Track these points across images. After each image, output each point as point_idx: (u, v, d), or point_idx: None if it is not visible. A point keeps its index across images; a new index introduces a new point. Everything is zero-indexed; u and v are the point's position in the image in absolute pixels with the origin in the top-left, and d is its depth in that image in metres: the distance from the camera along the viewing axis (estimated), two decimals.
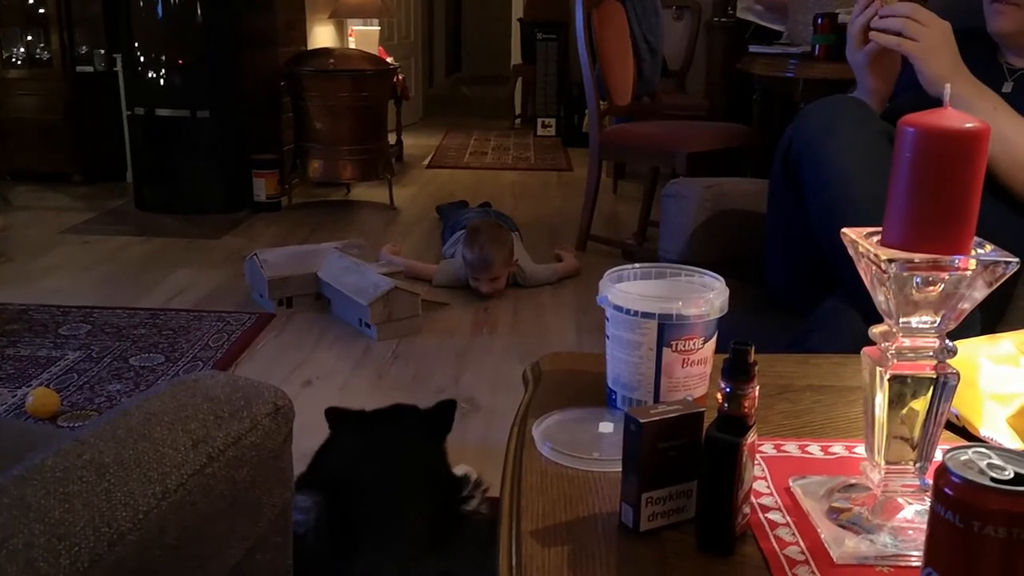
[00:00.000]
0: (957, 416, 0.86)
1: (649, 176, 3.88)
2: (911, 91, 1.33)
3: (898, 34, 1.34)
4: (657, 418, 0.69)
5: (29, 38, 4.77)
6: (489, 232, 3.14)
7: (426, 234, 4.03)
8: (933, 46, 1.32)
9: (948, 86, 0.63)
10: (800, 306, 1.43)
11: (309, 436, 1.47)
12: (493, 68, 9.97)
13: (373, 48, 5.36)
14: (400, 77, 5.24)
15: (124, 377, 2.36)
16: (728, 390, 0.68)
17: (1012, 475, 0.50)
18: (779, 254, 1.56)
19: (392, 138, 5.34)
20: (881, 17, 1.35)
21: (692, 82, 5.34)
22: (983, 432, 0.84)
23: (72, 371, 2.38)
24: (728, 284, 0.94)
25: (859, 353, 0.74)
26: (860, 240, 0.68)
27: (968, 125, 0.61)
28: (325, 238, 3.62)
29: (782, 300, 1.56)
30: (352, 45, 5.56)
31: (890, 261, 0.63)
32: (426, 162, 5.87)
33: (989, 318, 1.24)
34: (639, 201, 3.99)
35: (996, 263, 0.63)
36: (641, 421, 0.69)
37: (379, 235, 3.98)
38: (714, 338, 0.90)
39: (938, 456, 0.72)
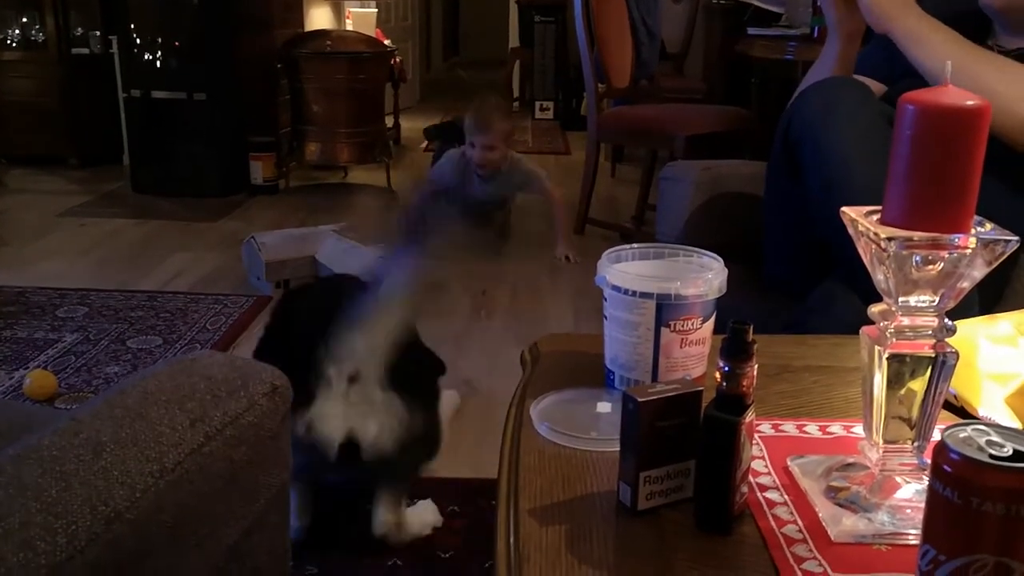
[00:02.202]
0: (955, 396, 0.86)
1: (647, 159, 3.87)
2: (909, 78, 1.32)
3: None
4: (655, 397, 0.69)
5: (24, 20, 4.73)
6: (495, 101, 3.20)
7: None
8: None
9: (949, 64, 0.63)
10: (798, 288, 1.42)
11: None
12: (491, 51, 9.92)
13: (370, 30, 5.33)
14: (397, 60, 5.21)
15: (122, 359, 2.35)
16: (727, 369, 0.68)
17: (1011, 452, 0.50)
18: (777, 236, 1.55)
19: (389, 121, 5.31)
20: None
21: (690, 65, 5.32)
22: (981, 412, 0.84)
23: (70, 353, 2.38)
24: (725, 266, 0.94)
25: (857, 334, 0.74)
26: (860, 219, 0.67)
27: (969, 103, 0.61)
28: (322, 221, 3.60)
29: (780, 282, 1.56)
30: (349, 27, 5.52)
31: (890, 239, 0.63)
32: (423, 145, 5.85)
33: (987, 298, 1.24)
34: (637, 184, 3.98)
35: (996, 241, 0.63)
36: (639, 400, 0.69)
37: (376, 218, 3.97)
38: (712, 318, 0.90)
39: (936, 435, 0.72)
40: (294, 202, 4.23)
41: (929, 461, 0.53)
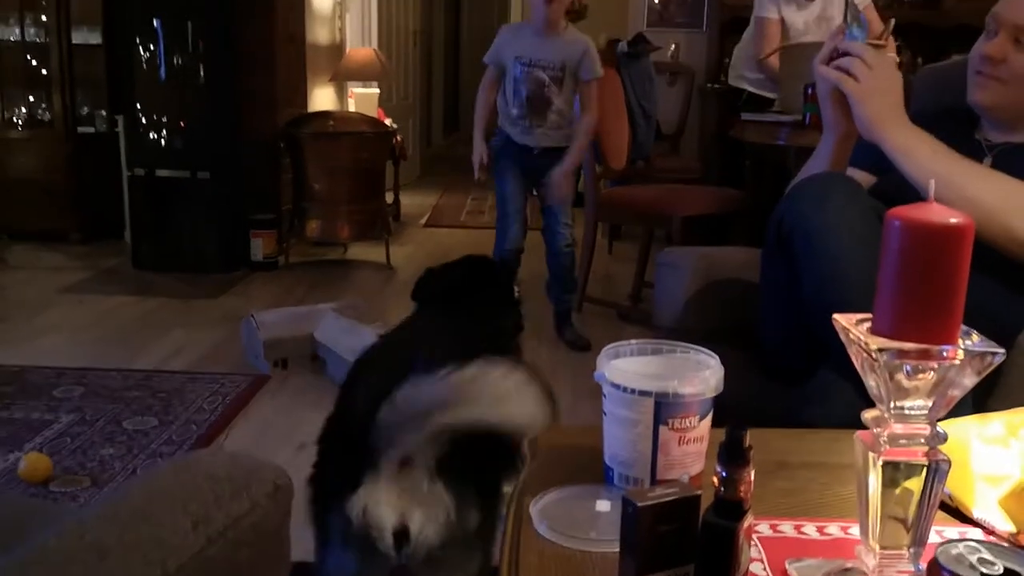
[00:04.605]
0: (950, 496, 0.87)
1: (644, 238, 3.92)
2: (896, 171, 1.36)
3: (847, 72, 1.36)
4: (654, 501, 0.70)
5: (31, 99, 4.82)
6: None
7: None
8: (873, 89, 1.34)
9: (932, 183, 0.66)
10: (794, 374, 1.44)
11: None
12: (490, 128, 10.07)
13: (372, 110, 5.43)
14: (398, 138, 5.31)
15: (117, 441, 2.35)
16: (724, 475, 0.69)
17: (1002, 570, 0.51)
18: (772, 324, 1.57)
19: (389, 197, 5.39)
20: (838, 51, 1.38)
21: (686, 145, 5.42)
22: (976, 513, 0.85)
23: (65, 435, 2.37)
24: (722, 351, 0.96)
25: (854, 425, 0.75)
26: (851, 327, 0.69)
27: (953, 220, 0.64)
28: (322, 297, 3.63)
29: (776, 366, 1.58)
30: (352, 107, 5.63)
31: (881, 350, 0.65)
32: (423, 221, 5.91)
33: (978, 392, 1.26)
34: (634, 262, 4.02)
35: (984, 353, 0.65)
36: (638, 504, 0.69)
37: (376, 294, 3.99)
38: (710, 415, 0.91)
39: (933, 537, 0.73)
40: (294, 278, 4.26)
41: (924, 567, 0.54)
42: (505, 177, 3.29)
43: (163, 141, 4.20)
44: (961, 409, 0.98)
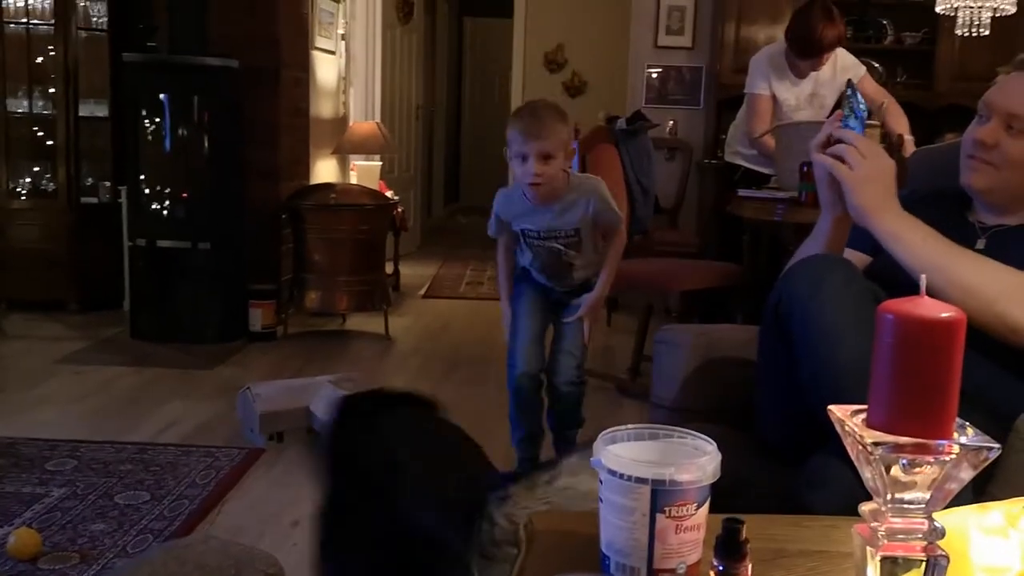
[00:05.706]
0: None
1: (643, 312, 3.93)
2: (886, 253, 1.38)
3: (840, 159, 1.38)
4: None
5: (36, 169, 4.87)
6: (545, 100, 2.59)
7: (420, 366, 4.04)
8: (865, 177, 1.37)
9: (924, 277, 0.66)
10: (792, 455, 1.43)
11: None
12: (490, 199, 10.11)
13: (374, 182, 5.49)
14: (399, 210, 5.36)
15: (108, 516, 2.31)
16: (721, 568, 0.68)
17: None
18: (770, 405, 1.57)
19: (389, 268, 5.41)
20: (833, 137, 1.40)
21: (684, 219, 5.47)
22: None
23: (56, 509, 2.34)
24: (721, 431, 0.95)
25: (854, 511, 0.74)
26: (846, 419, 0.69)
27: (943, 315, 0.64)
28: (319, 369, 3.62)
29: (775, 446, 1.57)
30: (354, 179, 5.70)
31: (875, 444, 0.65)
32: (422, 292, 5.93)
33: (979, 476, 1.25)
34: (632, 333, 4.02)
35: (979, 448, 0.64)
36: None
37: (373, 366, 3.99)
38: (707, 502, 0.90)
39: None
40: (291, 349, 4.25)
41: None
42: (521, 297, 2.75)
43: (165, 212, 4.24)
44: (962, 495, 0.98)
